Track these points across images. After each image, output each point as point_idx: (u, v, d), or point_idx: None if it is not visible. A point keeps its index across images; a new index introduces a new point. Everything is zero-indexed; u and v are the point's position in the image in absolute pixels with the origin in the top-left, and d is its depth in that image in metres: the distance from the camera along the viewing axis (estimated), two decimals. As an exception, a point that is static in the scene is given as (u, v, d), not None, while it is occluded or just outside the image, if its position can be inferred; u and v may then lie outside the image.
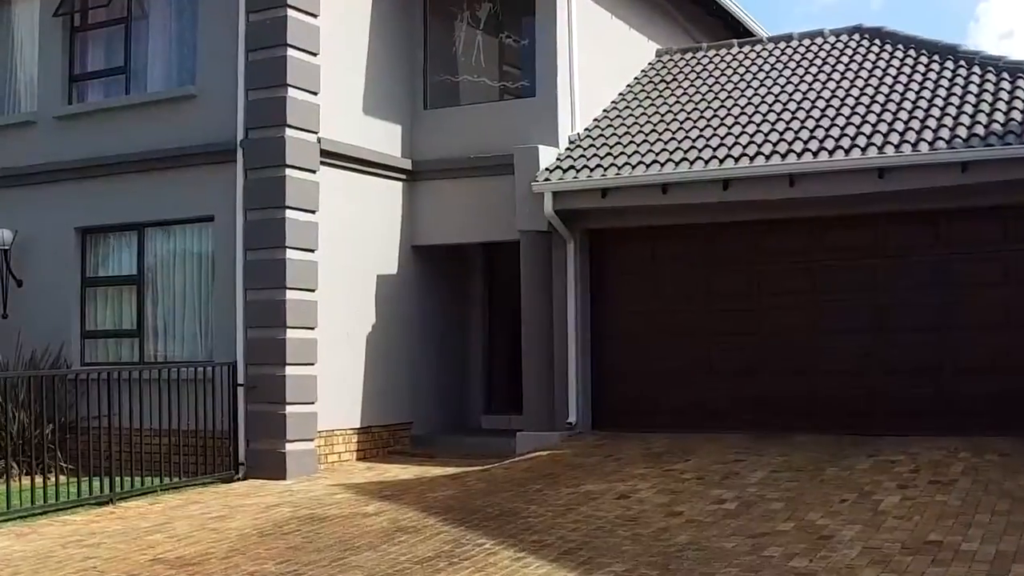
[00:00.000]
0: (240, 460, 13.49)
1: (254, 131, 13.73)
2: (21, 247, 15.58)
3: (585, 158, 14.79)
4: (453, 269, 17.04)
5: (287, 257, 13.46)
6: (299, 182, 13.70)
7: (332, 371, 14.16)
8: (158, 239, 14.94)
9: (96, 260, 15.49)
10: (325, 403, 13.96)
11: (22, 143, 15.97)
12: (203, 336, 14.46)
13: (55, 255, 15.46)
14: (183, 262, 14.72)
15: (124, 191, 14.91)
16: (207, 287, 14.39)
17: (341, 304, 14.49)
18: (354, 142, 14.84)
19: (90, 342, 15.35)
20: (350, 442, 14.71)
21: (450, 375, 16.83)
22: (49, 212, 15.53)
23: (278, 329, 13.41)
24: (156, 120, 14.70)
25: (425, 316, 16.25)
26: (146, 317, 14.89)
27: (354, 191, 14.94)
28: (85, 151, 15.18)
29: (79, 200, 15.29)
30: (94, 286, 15.41)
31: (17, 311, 15.62)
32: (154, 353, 14.84)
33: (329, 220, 14.23)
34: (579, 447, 13.64)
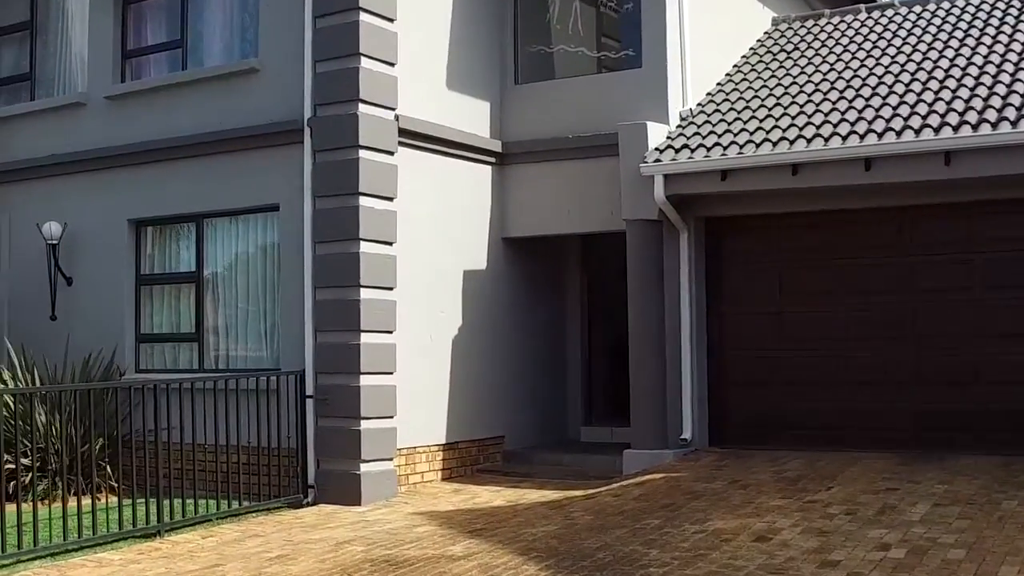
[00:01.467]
0: (309, 482, 12.17)
1: (323, 107, 12.41)
2: (70, 241, 14.45)
3: (700, 136, 13.23)
4: (548, 264, 15.58)
5: (361, 251, 12.10)
6: (374, 165, 12.32)
7: (413, 380, 12.80)
8: (218, 231, 13.69)
9: (151, 255, 14.31)
10: (405, 417, 12.59)
11: (71, 127, 14.86)
12: (268, 341, 13.19)
13: (107, 250, 14.30)
14: (246, 257, 13.47)
15: (181, 178, 13.70)
16: (272, 285, 13.12)
17: (423, 304, 13.11)
18: (436, 120, 13.43)
19: (145, 346, 14.17)
20: (434, 460, 13.32)
21: (545, 383, 15.37)
22: (100, 202, 14.39)
23: (352, 333, 12.06)
24: (215, 98, 13.47)
25: (517, 317, 14.81)
26: (205, 319, 13.67)
27: (437, 176, 13.55)
28: (138, 134, 14.00)
29: (132, 189, 14.12)
30: (149, 284, 14.23)
31: (66, 312, 14.51)
32: (214, 359, 13.61)
33: (409, 209, 12.86)
34: (698, 469, 12.11)
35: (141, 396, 10.89)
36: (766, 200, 12.88)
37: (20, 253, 15.15)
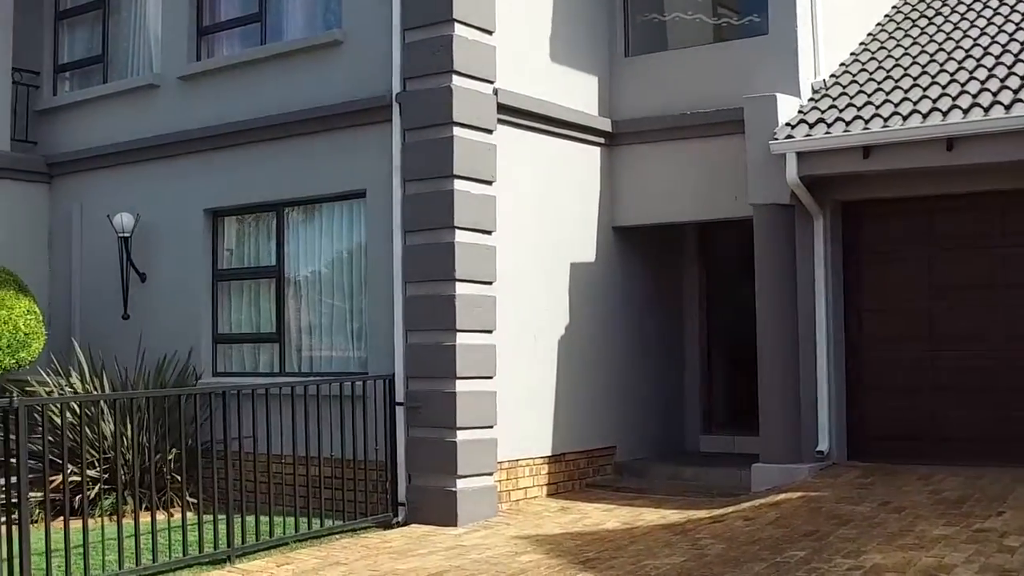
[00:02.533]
0: (400, 499, 11.13)
1: (413, 81, 11.35)
2: (143, 234, 13.60)
3: (837, 109, 11.91)
4: (662, 256, 14.36)
5: (457, 240, 11.01)
6: (471, 145, 11.23)
7: (515, 385, 11.70)
8: (300, 221, 12.73)
9: (229, 248, 13.39)
10: (506, 426, 11.49)
11: (143, 111, 14.04)
12: (354, 341, 12.17)
13: (182, 243, 13.44)
14: (330, 249, 12.47)
15: (259, 163, 12.77)
16: (359, 280, 12.10)
17: (525, 300, 12.00)
18: (539, 96, 12.29)
19: (223, 347, 13.26)
20: (538, 474, 12.19)
21: (660, 387, 14.15)
22: (174, 191, 13.54)
23: (446, 333, 10.98)
24: (296, 75, 12.50)
25: (629, 314, 13.61)
26: (287, 318, 12.72)
27: (540, 157, 12.41)
28: (214, 116, 13.11)
29: (208, 176, 13.23)
30: (227, 280, 13.32)
31: (139, 310, 13.68)
32: (296, 361, 12.64)
33: (509, 193, 11.76)
34: (839, 487, 10.82)
35: (222, 402, 9.90)
36: (914, 181, 11.54)
37: (91, 247, 14.37)
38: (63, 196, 14.85)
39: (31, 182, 14.85)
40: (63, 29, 15.56)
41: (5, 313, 12.52)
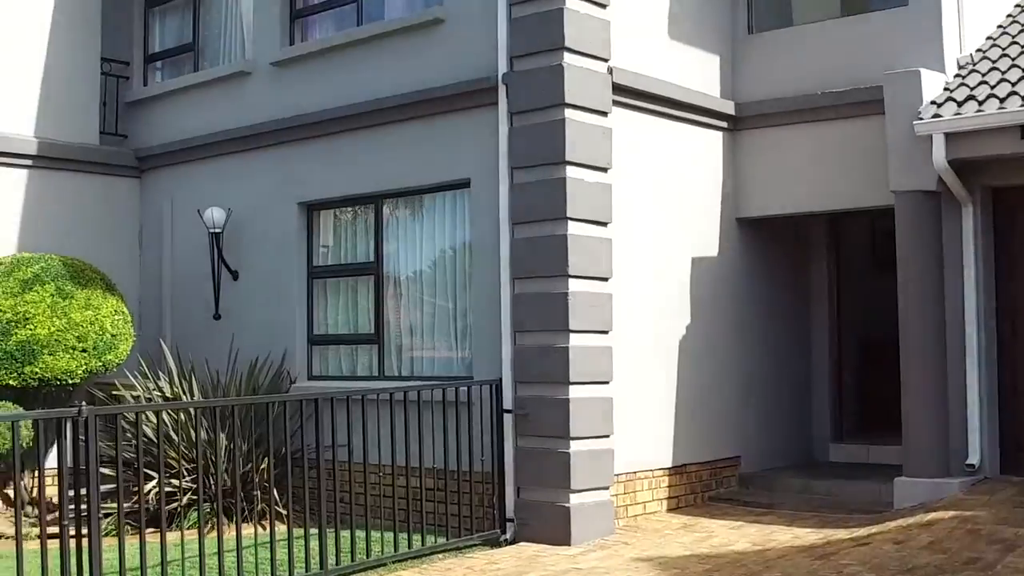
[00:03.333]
0: (508, 515, 10.35)
1: (520, 60, 10.56)
2: (235, 229, 13.02)
3: (988, 85, 10.85)
4: (789, 249, 13.40)
5: (570, 232, 10.20)
6: (585, 128, 10.42)
7: (632, 390, 10.86)
8: (400, 213, 12.04)
9: (325, 244, 12.74)
10: (624, 435, 10.66)
11: (234, 100, 13.47)
12: (458, 343, 11.44)
13: (275, 239, 12.83)
14: (432, 244, 11.75)
15: (356, 152, 12.10)
16: (463, 277, 11.37)
17: (642, 298, 11.16)
18: (657, 75, 11.44)
19: (318, 349, 12.61)
20: (658, 487, 11.34)
21: (787, 391, 13.19)
22: (267, 184, 12.93)
23: (559, 334, 10.18)
24: (394, 57, 11.81)
25: (754, 312, 12.68)
26: (386, 317, 12.02)
27: (658, 143, 11.56)
28: (308, 103, 12.48)
29: (302, 167, 12.60)
30: (322, 277, 12.67)
31: (231, 310, 13.11)
32: (396, 364, 11.95)
33: (624, 182, 10.92)
34: (997, 506, 9.80)
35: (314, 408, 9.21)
36: (1078, 163, 10.49)
37: (182, 244, 13.84)
38: (154, 191, 14.36)
39: (121, 176, 14.37)
40: (153, 17, 15.08)
41: (91, 313, 12.03)
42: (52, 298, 11.90)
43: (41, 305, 11.82)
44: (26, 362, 11.63)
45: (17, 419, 7.83)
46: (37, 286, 11.95)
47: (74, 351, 11.83)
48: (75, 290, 12.08)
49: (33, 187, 13.54)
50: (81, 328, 11.90)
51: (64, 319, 11.84)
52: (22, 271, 12.11)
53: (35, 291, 11.90)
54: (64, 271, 12.24)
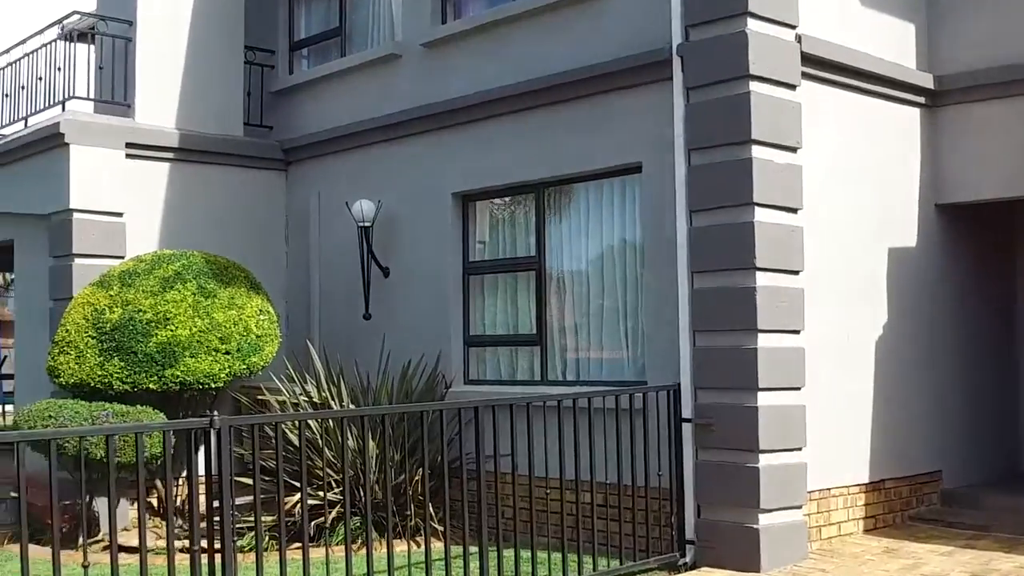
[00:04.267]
0: (688, 536, 9.38)
1: (697, 29, 9.57)
2: (385, 223, 12.32)
3: None
4: (997, 238, 12.11)
5: (756, 219, 9.17)
6: (771, 103, 9.39)
7: (824, 397, 9.77)
8: (564, 203, 11.17)
9: (482, 237, 11.96)
10: (816, 447, 9.58)
11: (384, 85, 12.82)
12: (629, 344, 10.53)
13: (428, 232, 12.10)
14: (598, 235, 10.86)
15: (514, 137, 11.29)
16: (634, 271, 10.45)
17: (834, 292, 10.06)
18: (848, 44, 10.32)
19: (475, 351, 11.83)
20: (854, 505, 10.22)
21: (992, 397, 11.89)
22: (419, 174, 12.23)
23: (745, 333, 9.16)
24: (556, 31, 10.97)
25: (955, 309, 11.45)
26: (548, 316, 11.17)
27: (849, 120, 10.44)
28: (462, 86, 11.74)
29: (456, 155, 11.84)
30: (479, 273, 11.88)
31: (381, 309, 12.40)
32: (560, 368, 11.10)
33: (813, 163, 9.84)
34: None
35: (474, 416, 8.38)
36: None
37: (330, 239, 13.22)
38: (300, 184, 13.77)
39: (266, 169, 13.83)
40: (299, 3, 14.51)
41: (235, 313, 11.42)
42: (194, 297, 11.33)
43: (182, 304, 11.26)
44: (167, 364, 11.06)
45: (142, 431, 7.17)
46: (178, 284, 11.39)
47: (217, 353, 11.23)
48: (218, 289, 11.50)
49: (175, 181, 13.07)
50: (224, 329, 11.29)
51: (206, 319, 11.25)
52: (163, 269, 11.57)
53: (176, 290, 11.34)
54: (206, 268, 11.66)
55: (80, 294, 11.75)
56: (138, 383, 11.06)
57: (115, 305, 11.33)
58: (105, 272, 11.83)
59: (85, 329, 11.32)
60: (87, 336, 11.28)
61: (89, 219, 12.31)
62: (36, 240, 13.06)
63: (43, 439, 8.92)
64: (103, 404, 10.89)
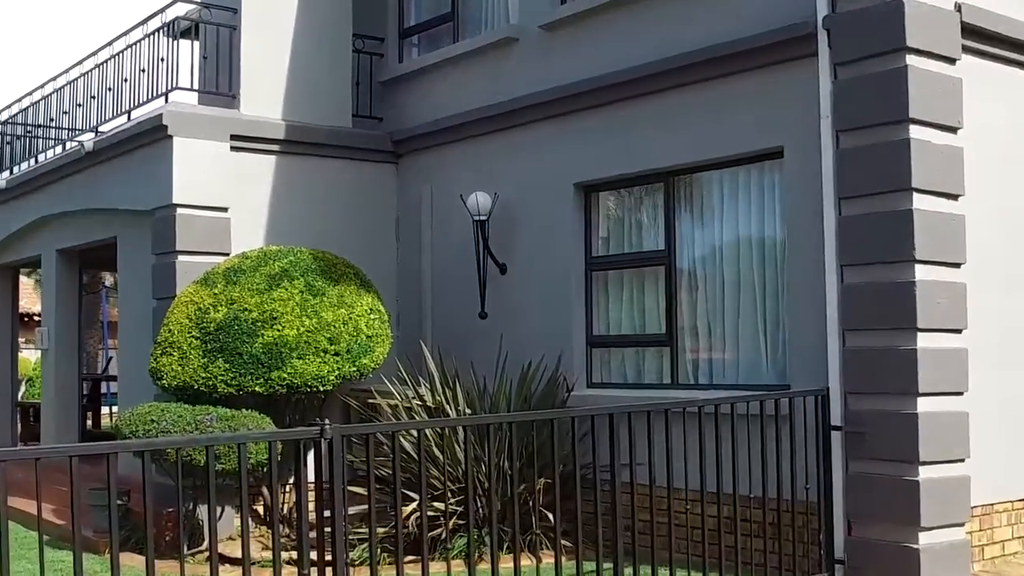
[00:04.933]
0: (837, 556, 8.61)
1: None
2: (502, 217, 11.73)
3: None
4: None
5: (915, 207, 8.37)
6: (929, 78, 8.58)
7: (987, 402, 8.91)
8: (696, 192, 10.47)
9: (605, 231, 11.31)
10: (978, 458, 8.73)
11: (500, 71, 12.25)
12: (768, 344, 9.81)
13: (548, 226, 11.50)
14: (734, 226, 10.15)
15: (642, 123, 10.62)
16: (774, 266, 9.73)
17: (996, 287, 9.19)
18: (1011, 15, 9.44)
19: (598, 352, 11.19)
20: (1019, 522, 9.36)
21: None
22: (538, 164, 11.63)
23: (902, 333, 8.35)
24: (686, 6, 10.30)
25: None
26: (679, 315, 10.48)
27: (1012, 98, 9.55)
28: (583, 69, 11.09)
29: (578, 143, 11.21)
30: (603, 269, 11.24)
31: (498, 307, 11.83)
32: (691, 370, 10.41)
33: (975, 144, 8.97)
34: None
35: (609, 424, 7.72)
36: None
37: (443, 234, 12.70)
38: (411, 176, 13.26)
39: (375, 162, 13.34)
40: (409, -12, 14.03)
41: (345, 312, 10.91)
42: (301, 295, 10.86)
43: (289, 303, 10.79)
44: (273, 366, 10.59)
45: (243, 440, 6.66)
46: (285, 282, 10.93)
47: (325, 354, 10.73)
48: (327, 286, 11.01)
49: (281, 174, 12.64)
50: (333, 329, 10.79)
51: (315, 319, 10.76)
52: (269, 266, 11.12)
53: (283, 288, 10.88)
54: (314, 265, 11.19)
55: (183, 293, 11.35)
56: (243, 386, 10.61)
57: (220, 304, 10.90)
58: (209, 270, 11.42)
59: (188, 329, 10.92)
60: (190, 336, 10.87)
61: (193, 215, 11.92)
62: (139, 237, 12.75)
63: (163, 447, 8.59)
64: (207, 408, 10.47)
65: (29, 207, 16.01)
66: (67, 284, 15.81)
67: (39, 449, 5.36)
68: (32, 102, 16.38)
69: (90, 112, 14.30)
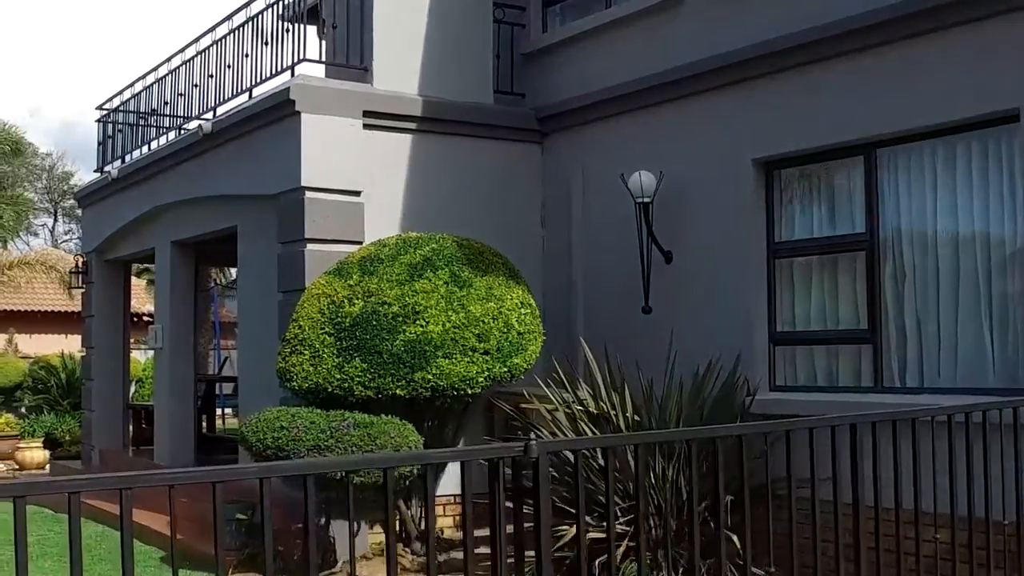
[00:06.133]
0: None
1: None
2: (667, 198, 10.55)
3: None
4: None
5: None
6: None
7: None
8: (902, 166, 9.20)
9: (790, 213, 10.10)
10: None
11: (659, 37, 11.13)
12: (994, 341, 8.52)
13: (720, 208, 10.33)
14: (950, 203, 8.86)
15: (833, 88, 9.41)
16: (1001, 249, 8.47)
17: None
18: None
19: (783, 351, 9.97)
20: None
21: None
22: (708, 139, 10.47)
23: None
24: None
25: None
26: (884, 308, 9.22)
27: None
28: (760, 29, 9.92)
29: (756, 114, 10.03)
30: (788, 256, 10.02)
31: (663, 301, 10.65)
32: (898, 372, 9.14)
33: None
34: None
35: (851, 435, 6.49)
36: None
37: (597, 219, 11.58)
38: (559, 156, 12.16)
39: (519, 142, 12.25)
40: (551, -47, 12.93)
41: (494, 306, 9.83)
42: (446, 287, 9.79)
43: (434, 296, 9.72)
44: (416, 366, 9.52)
45: (429, 461, 5.56)
46: (428, 272, 9.87)
47: (474, 353, 9.63)
48: (474, 277, 9.93)
49: (417, 155, 11.60)
50: (482, 324, 9.70)
51: (461, 313, 9.68)
52: (410, 254, 10.06)
53: (426, 278, 9.81)
54: (459, 254, 10.11)
55: (314, 284, 10.34)
56: (383, 388, 9.56)
57: (356, 297, 9.87)
58: (343, 259, 10.41)
59: (321, 325, 9.91)
60: (323, 333, 9.86)
61: (323, 199, 10.91)
62: (262, 226, 11.80)
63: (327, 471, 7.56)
64: (342, 413, 9.45)
65: (142, 197, 15.19)
66: (182, 279, 14.94)
67: (175, 473, 4.31)
68: (144, 86, 15.56)
69: (207, 93, 13.42)
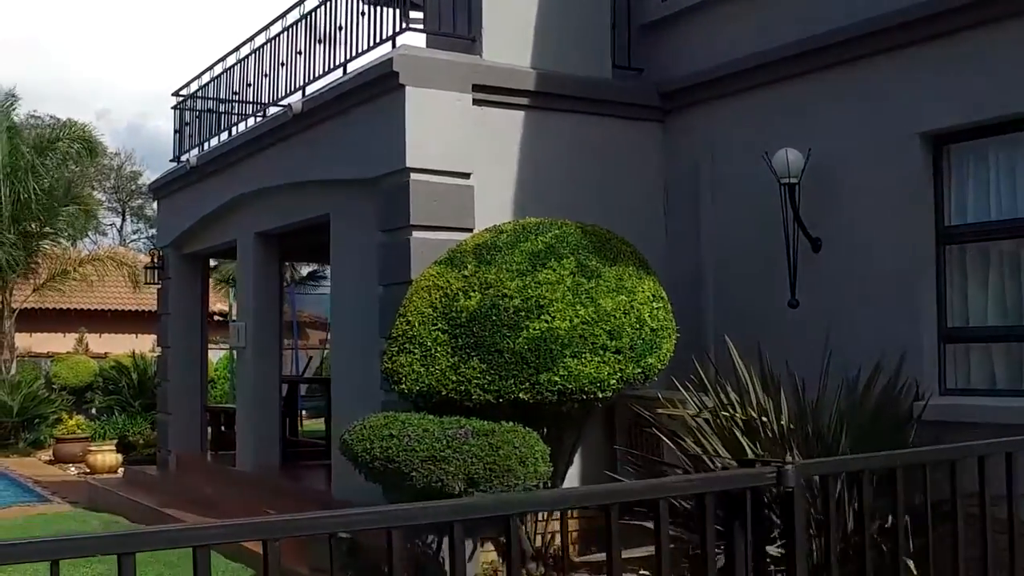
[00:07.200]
0: None
1: None
2: (814, 179, 9.51)
3: None
4: None
5: None
6: None
7: None
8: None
9: (963, 194, 8.99)
10: None
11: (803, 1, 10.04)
12: None
13: (878, 189, 9.26)
14: None
15: (1017, 52, 8.27)
16: None
17: None
18: None
19: (954, 349, 8.89)
20: None
21: None
22: (862, 111, 9.41)
23: None
24: None
25: None
26: (1081, 300, 8.15)
27: None
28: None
29: (919, 82, 8.97)
30: (961, 242, 8.93)
31: (810, 293, 9.64)
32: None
33: None
34: None
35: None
36: None
37: (729, 204, 10.58)
38: (684, 135, 11.17)
39: (639, 120, 11.28)
40: (667, -86, 11.89)
41: (625, 299, 8.82)
42: (573, 278, 8.79)
43: (559, 288, 8.72)
44: (542, 367, 8.52)
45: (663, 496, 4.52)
46: (552, 261, 8.88)
47: (605, 352, 8.61)
48: (602, 267, 8.93)
49: (530, 134, 10.66)
50: (613, 320, 8.69)
51: (590, 307, 8.68)
52: (530, 242, 9.09)
53: (550, 268, 8.83)
54: (585, 241, 9.11)
55: (424, 275, 9.40)
56: (504, 391, 8.60)
57: (472, 289, 8.93)
58: (455, 247, 9.47)
59: (433, 320, 8.97)
60: (435, 330, 8.92)
61: (430, 181, 9.98)
62: (359, 213, 10.92)
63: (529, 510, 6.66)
64: (457, 420, 8.50)
65: (223, 186, 14.37)
66: (266, 273, 14.08)
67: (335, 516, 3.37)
68: (225, 68, 14.74)
69: (294, 72, 12.55)
